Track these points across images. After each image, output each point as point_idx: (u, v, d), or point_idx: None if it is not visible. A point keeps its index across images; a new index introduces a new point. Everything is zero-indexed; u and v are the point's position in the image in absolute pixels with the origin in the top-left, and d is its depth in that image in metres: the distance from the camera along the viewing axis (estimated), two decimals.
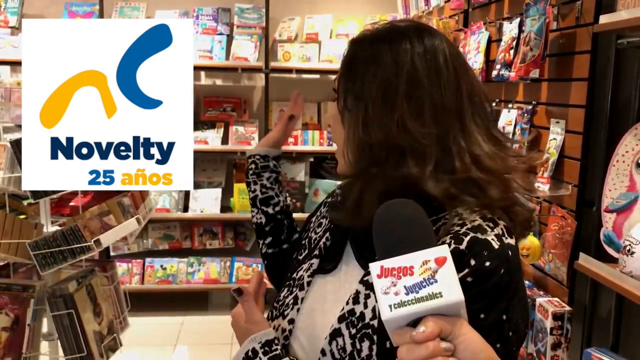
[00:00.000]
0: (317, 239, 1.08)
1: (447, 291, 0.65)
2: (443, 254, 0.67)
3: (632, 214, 1.64)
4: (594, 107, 1.85)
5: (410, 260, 0.67)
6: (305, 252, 1.09)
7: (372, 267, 0.68)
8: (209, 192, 4.49)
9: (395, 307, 0.65)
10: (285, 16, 4.61)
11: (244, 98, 4.71)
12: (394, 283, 0.66)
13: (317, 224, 1.12)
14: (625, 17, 1.48)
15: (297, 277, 1.05)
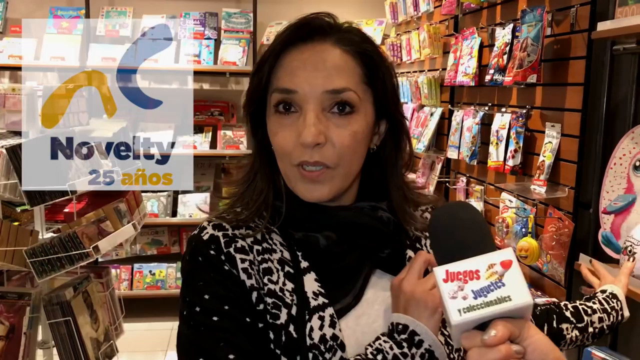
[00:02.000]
0: (281, 290, 0.88)
1: (515, 295, 0.65)
2: (509, 257, 0.66)
3: (630, 215, 1.69)
4: (590, 111, 1.89)
5: (476, 264, 0.66)
6: (286, 317, 0.86)
7: (436, 271, 0.67)
8: (197, 196, 4.47)
9: (464, 312, 0.64)
10: (272, 21, 4.62)
11: (231, 102, 4.71)
12: (461, 287, 0.65)
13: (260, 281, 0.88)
14: (623, 24, 1.53)
15: (316, 342, 0.85)
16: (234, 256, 0.87)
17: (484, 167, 2.58)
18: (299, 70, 0.86)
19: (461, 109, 2.84)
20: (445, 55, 3.05)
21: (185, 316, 0.87)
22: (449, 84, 2.87)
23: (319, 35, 0.89)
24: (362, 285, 0.92)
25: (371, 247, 0.93)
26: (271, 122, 0.89)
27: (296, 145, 0.86)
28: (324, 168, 0.87)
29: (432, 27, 3.10)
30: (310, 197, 0.88)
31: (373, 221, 0.93)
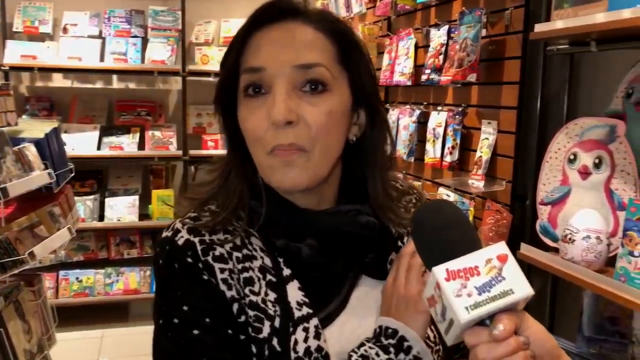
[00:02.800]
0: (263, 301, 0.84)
1: (517, 287, 0.66)
2: (503, 251, 0.67)
3: (566, 205, 1.80)
4: (525, 108, 2.00)
5: (474, 261, 0.67)
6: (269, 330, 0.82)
7: (436, 271, 0.67)
8: (125, 199, 4.34)
9: (472, 309, 0.65)
10: (201, 19, 4.56)
11: (159, 102, 4.60)
12: (464, 285, 0.65)
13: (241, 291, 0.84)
14: (560, 26, 1.62)
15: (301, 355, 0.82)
16: (212, 265, 0.82)
17: (420, 164, 2.66)
18: (266, 47, 0.82)
19: (396, 108, 2.91)
20: (380, 55, 3.12)
21: (163, 326, 0.82)
22: (384, 83, 2.94)
23: (290, 15, 0.84)
24: (347, 292, 0.90)
25: (355, 254, 0.90)
26: (241, 109, 0.84)
27: (268, 128, 0.81)
28: (299, 150, 0.81)
29: (367, 27, 3.17)
30: (286, 182, 0.82)
31: (358, 228, 0.89)
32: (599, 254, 1.60)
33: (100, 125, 4.31)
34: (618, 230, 1.66)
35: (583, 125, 1.76)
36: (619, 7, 1.43)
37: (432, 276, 0.68)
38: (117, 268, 4.33)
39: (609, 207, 1.68)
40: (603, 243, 1.60)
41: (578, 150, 1.76)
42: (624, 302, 1.46)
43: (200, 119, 4.62)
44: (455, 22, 2.35)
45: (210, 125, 4.63)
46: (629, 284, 1.45)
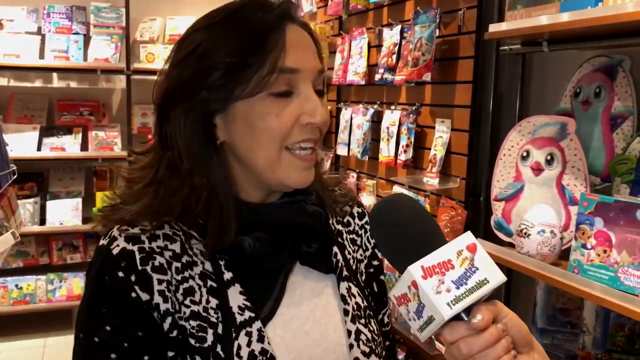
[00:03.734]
0: (205, 309, 0.82)
1: (491, 276, 0.66)
2: (472, 240, 0.67)
3: (519, 201, 1.85)
4: (479, 107, 2.05)
5: (446, 254, 0.66)
6: (212, 339, 0.81)
7: (412, 270, 0.65)
8: (67, 202, 4.18)
9: (453, 304, 0.64)
10: (145, 16, 4.45)
11: (102, 101, 4.46)
12: (441, 280, 0.64)
13: (177, 303, 0.81)
14: (514, 27, 1.67)
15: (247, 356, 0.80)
16: (150, 276, 0.79)
17: (374, 162, 2.69)
18: (299, 49, 0.82)
19: (349, 107, 2.93)
20: (331, 55, 3.13)
21: (82, 341, 0.81)
22: (337, 82, 2.95)
23: (296, 17, 0.86)
24: (282, 285, 0.88)
25: (298, 244, 0.89)
26: (261, 105, 0.81)
27: (294, 126, 0.82)
28: (315, 150, 0.85)
29: (318, 26, 3.17)
30: (302, 181, 0.85)
31: (308, 219, 0.89)
32: (553, 248, 1.66)
33: (40, 126, 4.14)
34: (570, 224, 1.72)
35: (535, 123, 1.82)
36: (570, 9, 1.49)
37: (405, 275, 0.67)
38: (60, 274, 4.17)
39: (561, 202, 1.74)
40: (557, 237, 1.65)
41: (530, 148, 1.81)
42: (578, 293, 1.51)
43: (146, 119, 4.51)
44: (408, 22, 2.38)
45: None
46: (582, 275, 1.50)
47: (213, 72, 0.80)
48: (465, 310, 0.66)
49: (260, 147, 0.82)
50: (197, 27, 0.87)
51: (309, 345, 0.86)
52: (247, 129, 0.82)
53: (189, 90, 0.81)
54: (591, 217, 1.51)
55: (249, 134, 0.82)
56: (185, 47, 0.84)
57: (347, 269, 0.94)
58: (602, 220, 1.48)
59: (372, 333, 0.91)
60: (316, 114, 0.82)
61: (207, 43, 0.82)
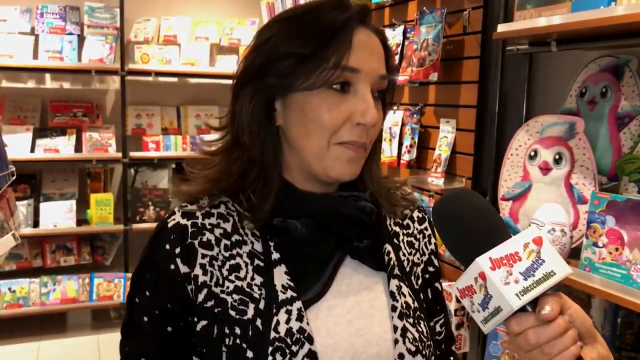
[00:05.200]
0: (250, 285, 0.88)
1: (558, 268, 0.67)
2: (537, 233, 0.69)
3: (527, 200, 1.86)
4: (484, 107, 2.06)
5: (513, 247, 0.67)
6: (253, 312, 0.86)
7: (480, 261, 0.67)
8: (61, 204, 4.14)
9: (522, 295, 0.65)
10: (140, 17, 4.42)
11: (95, 102, 4.42)
12: (509, 272, 0.66)
13: (220, 277, 0.88)
14: (523, 26, 1.68)
15: (282, 335, 0.84)
16: (196, 249, 0.87)
17: None
18: (364, 51, 0.86)
19: None
20: None
21: (128, 297, 0.93)
22: None
23: (368, 22, 0.89)
24: (332, 274, 0.91)
25: (349, 236, 0.92)
26: (319, 97, 0.85)
27: (346, 123, 0.86)
28: (364, 149, 0.88)
29: None
30: (346, 174, 0.88)
31: (357, 211, 0.92)
32: (564, 246, 1.66)
33: (33, 127, 4.10)
34: (578, 223, 1.73)
35: (543, 123, 1.83)
36: (582, 9, 1.50)
37: (472, 266, 0.68)
38: (53, 276, 4.12)
39: (569, 201, 1.75)
40: (567, 235, 1.66)
41: (538, 147, 1.82)
42: (589, 290, 1.52)
43: (140, 120, 4.49)
44: (410, 22, 2.39)
45: (151, 127, 4.50)
46: (594, 273, 1.51)
47: (281, 61, 0.85)
48: (532, 302, 0.67)
49: (309, 136, 0.87)
50: (277, 18, 0.92)
51: (351, 333, 0.89)
52: (300, 117, 0.87)
53: (258, 74, 0.87)
54: (602, 216, 1.51)
55: (302, 122, 0.87)
56: (263, 35, 0.90)
57: (400, 268, 0.96)
58: (613, 218, 1.49)
59: (420, 334, 0.92)
60: (367, 115, 0.84)
61: (281, 34, 0.87)
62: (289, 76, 0.86)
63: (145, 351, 0.89)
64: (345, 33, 0.85)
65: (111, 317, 4.40)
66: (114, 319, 4.39)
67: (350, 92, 0.86)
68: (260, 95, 0.88)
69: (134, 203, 4.29)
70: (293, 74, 0.85)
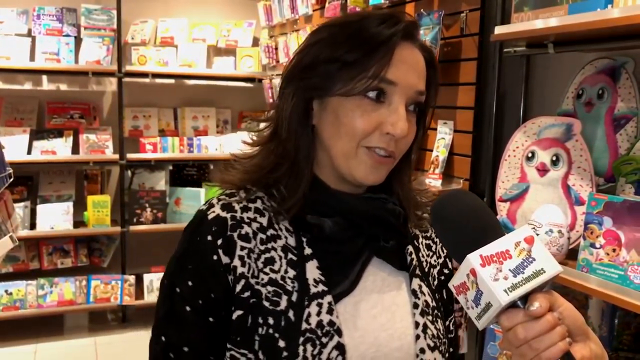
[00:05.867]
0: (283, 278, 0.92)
1: (548, 266, 0.69)
2: (529, 233, 0.70)
3: (524, 202, 1.87)
4: (482, 108, 2.07)
5: (504, 245, 0.69)
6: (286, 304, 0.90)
7: (471, 258, 0.69)
8: (58, 206, 4.13)
9: (510, 291, 0.67)
10: (137, 19, 4.42)
11: (92, 104, 4.42)
12: (499, 269, 0.68)
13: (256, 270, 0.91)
14: (521, 28, 1.69)
15: (313, 327, 0.88)
16: (235, 242, 0.91)
17: None
18: (403, 65, 0.89)
19: None
20: None
21: (166, 288, 0.94)
22: None
23: (414, 37, 0.93)
24: (360, 272, 0.95)
25: (376, 236, 0.97)
26: (353, 103, 0.90)
27: (376, 130, 0.90)
28: (391, 157, 0.92)
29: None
30: (370, 178, 0.92)
31: (385, 212, 0.97)
32: (561, 247, 1.67)
33: (30, 129, 4.09)
34: (576, 224, 1.74)
35: (540, 124, 1.84)
36: (579, 11, 1.51)
37: (464, 264, 0.71)
38: (50, 279, 4.11)
39: (567, 202, 1.76)
40: (564, 236, 1.67)
41: (536, 148, 1.83)
42: (586, 291, 1.53)
43: (137, 122, 4.49)
44: None
45: (148, 128, 4.50)
46: (592, 274, 1.52)
47: (324, 65, 0.90)
48: (522, 299, 0.69)
49: (339, 138, 0.91)
50: (329, 23, 0.97)
51: (375, 328, 0.93)
52: (334, 119, 0.91)
53: (302, 74, 0.93)
54: (599, 217, 1.52)
55: (334, 124, 0.91)
56: (312, 38, 0.95)
57: (420, 269, 1.01)
58: (610, 219, 1.50)
59: (438, 331, 0.97)
60: (397, 127, 0.88)
61: (328, 39, 0.92)
62: (329, 80, 0.90)
63: (188, 341, 0.91)
64: (388, 47, 0.88)
65: (108, 319, 4.40)
66: (111, 321, 4.39)
67: (385, 103, 0.90)
68: (301, 93, 0.93)
69: (131, 205, 4.28)
70: (333, 78, 0.90)
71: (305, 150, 0.94)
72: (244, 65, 4.59)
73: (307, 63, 0.92)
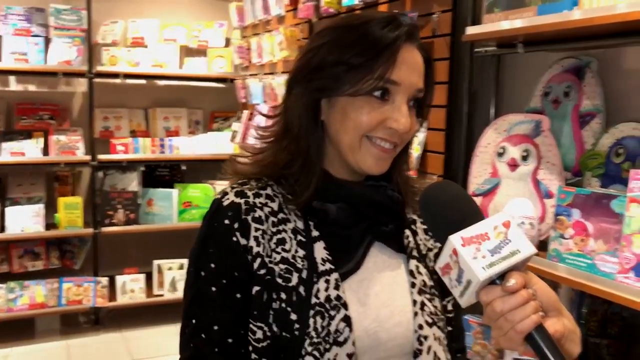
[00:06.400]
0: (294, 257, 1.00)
1: (523, 247, 0.76)
2: (507, 218, 0.77)
3: (496, 196, 1.94)
4: (454, 107, 2.13)
5: (483, 228, 0.76)
6: (297, 280, 0.98)
7: (452, 239, 0.76)
8: (28, 208, 4.07)
9: (487, 268, 0.74)
10: (107, 19, 4.39)
11: (62, 105, 4.37)
12: (478, 249, 0.75)
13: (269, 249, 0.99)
14: (491, 29, 1.75)
15: (322, 301, 0.95)
16: (249, 224, 0.99)
17: None
18: (406, 67, 0.96)
19: None
20: None
21: (192, 274, 1.02)
22: None
23: (415, 39, 0.99)
24: (363, 254, 1.04)
25: (377, 221, 1.05)
26: (360, 102, 0.97)
27: (379, 124, 0.97)
28: (395, 148, 1.00)
29: (289, 29, 3.21)
30: (375, 168, 1.00)
31: (385, 198, 1.05)
32: (532, 238, 1.74)
33: None
34: (545, 216, 1.82)
35: (511, 121, 1.91)
36: (547, 12, 1.58)
37: (447, 245, 0.77)
38: (21, 282, 4.05)
39: (537, 196, 1.84)
40: (535, 228, 1.74)
41: (506, 144, 1.90)
42: (557, 279, 1.60)
43: (108, 123, 4.46)
44: None
45: (119, 129, 4.48)
46: (561, 263, 1.59)
47: (333, 67, 0.97)
48: (500, 277, 0.76)
49: (346, 132, 0.99)
50: (332, 25, 1.02)
51: (377, 305, 1.01)
52: (341, 116, 0.99)
53: (311, 75, 0.99)
54: (569, 209, 1.60)
55: (342, 119, 0.99)
56: (317, 40, 1.00)
57: (417, 251, 1.08)
58: (579, 211, 1.57)
59: (435, 308, 1.05)
60: (400, 122, 0.96)
61: (335, 41, 0.98)
62: (337, 81, 0.97)
63: (216, 319, 0.98)
64: (392, 50, 0.95)
65: (80, 322, 4.36)
66: (83, 323, 4.35)
67: (389, 101, 0.97)
68: (310, 94, 0.99)
69: (103, 206, 4.25)
70: (341, 80, 0.96)
71: (316, 146, 1.01)
72: (215, 65, 4.60)
73: (314, 65, 0.98)
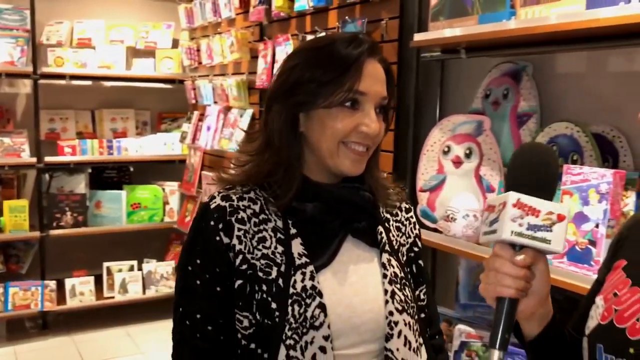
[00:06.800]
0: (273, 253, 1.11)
1: (555, 242, 0.82)
2: (565, 212, 0.82)
3: (442, 191, 2.07)
4: (402, 108, 2.26)
5: (540, 206, 0.81)
6: (276, 273, 1.09)
7: (511, 195, 0.82)
8: None
9: (514, 234, 0.81)
10: (51, 19, 4.32)
11: (5, 106, 4.28)
12: (522, 216, 0.81)
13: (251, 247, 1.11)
14: (437, 36, 1.89)
15: (299, 291, 1.07)
16: (233, 225, 1.11)
17: None
18: (370, 78, 1.09)
19: None
20: (253, 59, 3.24)
21: (181, 268, 1.15)
22: (261, 86, 3.07)
23: (376, 54, 1.12)
24: (336, 248, 1.15)
25: (350, 218, 1.16)
26: (335, 112, 1.09)
27: (353, 130, 1.09)
28: (368, 151, 1.12)
29: (240, 32, 3.27)
30: (353, 170, 1.11)
31: (357, 198, 1.16)
32: (476, 230, 1.89)
33: None
34: None
35: (455, 122, 2.05)
36: (487, 21, 1.73)
37: (505, 195, 0.84)
38: None
39: (480, 190, 1.98)
40: (478, 220, 1.89)
41: (451, 143, 2.04)
42: None
43: (54, 124, 4.40)
44: (332, 29, 2.56)
45: (65, 131, 4.42)
46: None
47: (308, 84, 1.09)
48: (519, 247, 0.83)
49: (325, 139, 1.11)
50: (303, 47, 1.17)
51: (350, 294, 1.13)
52: (320, 126, 1.11)
53: (288, 93, 1.11)
54: None
55: (320, 129, 1.11)
56: (290, 62, 1.14)
57: (389, 246, 1.20)
58: None
59: (406, 297, 1.17)
60: (370, 127, 1.09)
61: (306, 62, 1.11)
62: (312, 96, 1.09)
63: (199, 307, 1.11)
64: (358, 65, 1.08)
65: (27, 327, 4.28)
66: (30, 328, 4.26)
67: (359, 109, 1.09)
68: (289, 109, 1.11)
69: (50, 209, 4.19)
70: (316, 94, 1.09)
71: (296, 155, 1.13)
72: (163, 66, 4.60)
73: (290, 84, 1.10)
